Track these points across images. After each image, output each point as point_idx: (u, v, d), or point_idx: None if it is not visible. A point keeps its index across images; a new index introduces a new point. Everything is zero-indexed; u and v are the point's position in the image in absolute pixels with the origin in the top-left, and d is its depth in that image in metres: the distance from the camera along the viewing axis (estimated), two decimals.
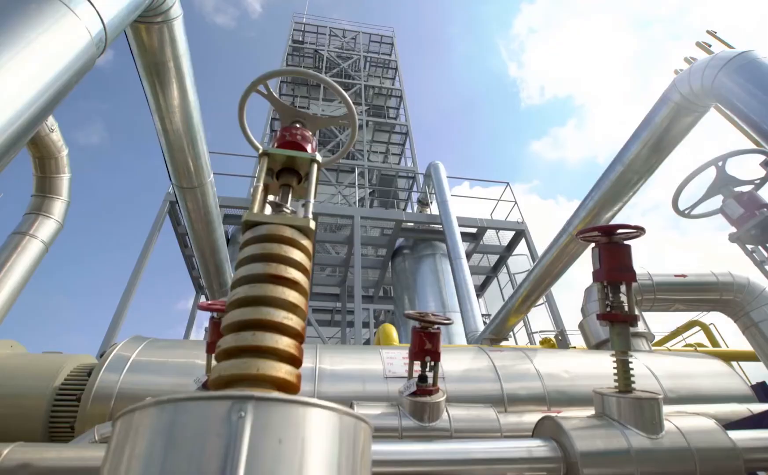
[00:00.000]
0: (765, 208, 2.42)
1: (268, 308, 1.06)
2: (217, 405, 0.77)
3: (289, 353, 1.04)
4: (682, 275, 4.24)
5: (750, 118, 2.98)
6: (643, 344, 3.92)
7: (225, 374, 0.97)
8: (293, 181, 1.46)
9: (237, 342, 1.01)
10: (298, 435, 0.81)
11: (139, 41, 2.80)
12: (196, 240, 4.48)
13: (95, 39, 1.86)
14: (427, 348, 2.32)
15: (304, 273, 1.21)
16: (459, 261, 8.41)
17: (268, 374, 0.97)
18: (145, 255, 7.42)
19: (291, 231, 1.22)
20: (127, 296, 6.81)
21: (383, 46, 20.55)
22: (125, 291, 6.86)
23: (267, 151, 1.41)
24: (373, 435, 2.17)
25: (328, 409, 0.89)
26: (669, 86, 3.66)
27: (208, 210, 4.24)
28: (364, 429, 0.98)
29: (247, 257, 1.17)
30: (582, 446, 1.64)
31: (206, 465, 0.70)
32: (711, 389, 3.36)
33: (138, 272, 7.17)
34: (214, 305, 2.22)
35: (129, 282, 7.00)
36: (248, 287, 1.10)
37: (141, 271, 7.23)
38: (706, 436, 1.78)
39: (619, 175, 4.28)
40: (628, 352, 1.95)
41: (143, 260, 7.35)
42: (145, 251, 7.46)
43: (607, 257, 1.99)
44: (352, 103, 1.65)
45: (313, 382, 2.89)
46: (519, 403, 3.06)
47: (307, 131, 1.57)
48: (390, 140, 17.96)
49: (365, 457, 0.96)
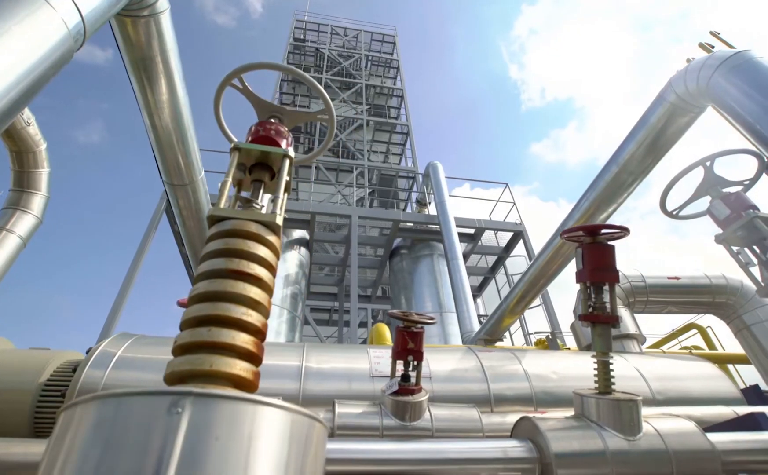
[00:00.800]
0: (751, 209, 2.39)
1: (226, 304, 1.05)
2: (154, 401, 0.75)
3: (247, 350, 1.03)
4: (675, 277, 4.21)
5: (744, 120, 2.94)
6: (634, 345, 3.90)
7: (177, 370, 0.96)
8: (266, 177, 1.44)
9: (192, 338, 1.00)
10: (240, 433, 0.79)
11: (125, 35, 2.78)
12: (189, 237, 4.48)
13: (73, 32, 1.85)
14: (409, 347, 2.30)
15: (269, 269, 1.19)
16: (456, 262, 8.38)
17: (222, 370, 0.96)
18: (141, 253, 7.42)
19: (256, 227, 1.20)
20: (123, 294, 6.81)
21: (385, 46, 20.52)
22: (121, 289, 6.86)
23: (238, 145, 1.40)
24: (353, 434, 2.16)
25: (276, 407, 0.88)
26: (665, 86, 3.63)
27: (200, 207, 4.23)
28: (318, 429, 0.97)
29: (209, 252, 1.15)
30: (557, 447, 1.62)
31: (139, 462, 0.69)
32: (700, 392, 3.33)
33: (134, 270, 7.17)
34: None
35: (125, 280, 7.00)
36: (208, 283, 1.08)
37: (137, 269, 7.23)
38: (684, 438, 1.76)
39: (614, 176, 4.25)
40: (609, 353, 1.93)
41: (139, 257, 7.35)
42: (141, 248, 7.46)
43: (590, 258, 1.97)
44: (329, 98, 1.63)
45: (299, 380, 2.88)
46: (506, 403, 3.04)
47: (281, 126, 1.55)
48: (390, 140, 17.94)
49: (318, 456, 0.94)
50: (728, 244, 2.44)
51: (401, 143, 17.86)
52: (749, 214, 2.30)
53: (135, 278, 7.15)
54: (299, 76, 1.68)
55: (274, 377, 2.89)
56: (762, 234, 2.25)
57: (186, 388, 0.76)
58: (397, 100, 19.07)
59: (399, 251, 10.42)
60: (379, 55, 20.29)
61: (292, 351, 3.12)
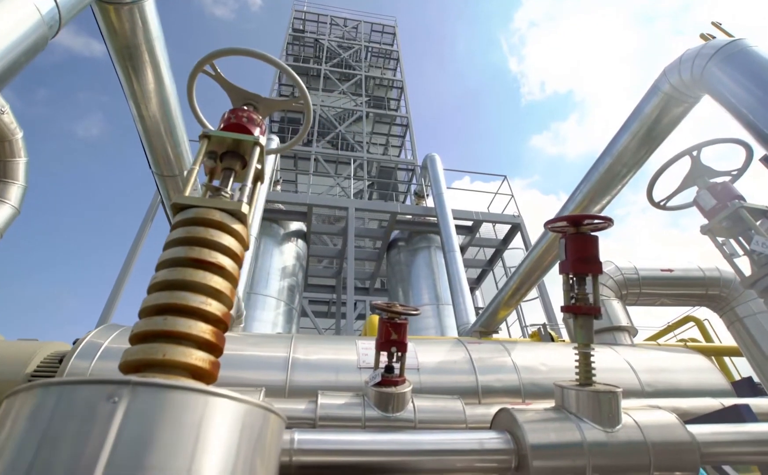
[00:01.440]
0: (737, 199, 2.35)
1: (184, 293, 1.03)
2: (94, 390, 0.74)
3: (204, 339, 1.01)
4: (668, 270, 4.18)
5: (738, 111, 2.90)
6: (626, 338, 3.88)
7: (131, 359, 0.95)
8: (237, 165, 1.42)
9: (147, 327, 0.98)
10: (184, 422, 0.78)
11: (109, 23, 2.74)
12: None
13: (46, 18, 1.82)
14: (393, 339, 2.29)
15: (233, 258, 1.17)
16: (453, 254, 8.37)
17: (176, 359, 0.95)
18: (137, 246, 7.42)
19: (221, 215, 1.18)
20: (118, 287, 6.81)
21: (385, 36, 20.35)
22: (116, 282, 6.87)
23: (207, 132, 1.37)
24: (335, 425, 2.15)
25: (227, 398, 0.87)
26: (659, 76, 3.58)
27: None
28: (273, 420, 0.96)
29: (171, 240, 1.14)
30: (533, 438, 1.61)
31: (73, 449, 0.68)
32: (689, 384, 3.33)
33: (129, 263, 7.17)
34: None
35: (120, 273, 7.01)
36: (167, 271, 1.07)
37: (132, 261, 7.23)
38: (663, 430, 1.74)
39: (608, 168, 4.21)
40: (591, 345, 1.91)
41: (135, 250, 7.35)
42: (137, 241, 7.46)
43: (573, 248, 1.95)
44: (304, 86, 1.61)
45: (286, 371, 2.88)
46: (493, 395, 3.04)
47: (255, 114, 1.53)
48: (390, 132, 17.85)
49: (271, 447, 0.93)
50: (713, 234, 2.40)
51: (401, 135, 17.77)
52: (734, 205, 2.26)
53: (131, 270, 7.15)
54: (273, 62, 1.65)
55: (261, 367, 2.89)
56: (747, 225, 2.21)
57: (126, 377, 0.75)
58: (396, 91, 18.95)
59: (396, 244, 10.40)
60: (379, 46, 20.14)
61: (279, 342, 3.11)
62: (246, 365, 2.88)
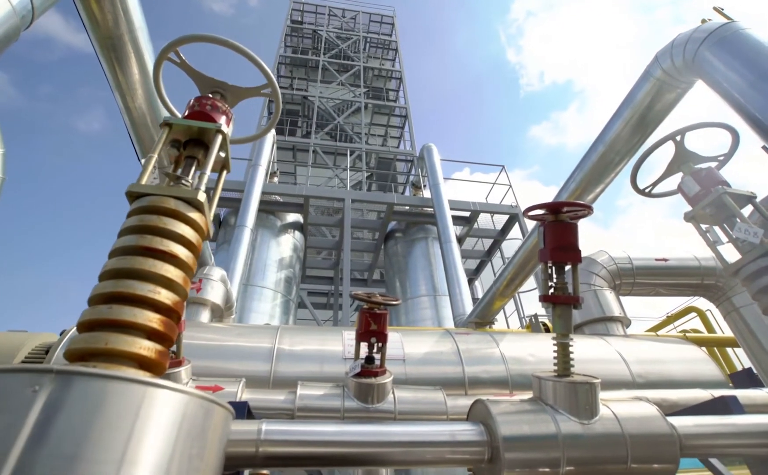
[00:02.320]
0: (721, 185, 2.28)
1: (131, 281, 1.00)
2: (17, 379, 0.72)
3: (151, 328, 0.99)
4: (663, 259, 4.14)
5: (731, 95, 2.83)
6: (618, 328, 3.85)
7: (74, 348, 0.92)
8: (199, 154, 1.39)
9: (92, 315, 0.96)
10: (114, 412, 0.75)
11: (90, 15, 2.71)
12: None
13: (18, 9, 1.79)
14: (372, 329, 2.27)
15: (188, 247, 1.15)
16: (449, 245, 8.34)
17: (119, 348, 0.92)
18: None
19: (175, 203, 1.16)
20: None
21: (383, 27, 20.16)
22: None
23: (168, 120, 1.34)
24: (313, 416, 2.13)
25: (165, 389, 0.84)
26: (651, 61, 3.51)
27: None
28: (218, 412, 0.94)
29: (124, 228, 1.11)
30: (506, 430, 1.58)
31: None
32: (682, 375, 3.29)
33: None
34: None
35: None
36: (116, 260, 1.04)
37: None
38: (642, 422, 1.72)
39: (601, 156, 4.16)
40: (569, 335, 1.88)
41: None
42: None
43: (552, 236, 1.91)
44: (271, 74, 1.57)
45: (270, 362, 2.87)
46: (480, 386, 3.02)
47: (220, 102, 1.49)
48: (389, 123, 17.74)
49: (214, 439, 0.91)
50: (697, 222, 2.35)
51: (400, 126, 17.66)
52: (718, 191, 2.20)
53: None
54: (235, 48, 1.61)
55: (245, 358, 2.88)
56: (730, 211, 2.15)
57: (48, 366, 0.72)
58: (395, 82, 18.81)
59: (394, 235, 10.37)
60: (377, 36, 19.96)
61: (265, 333, 3.10)
62: (230, 356, 2.87)
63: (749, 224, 2.06)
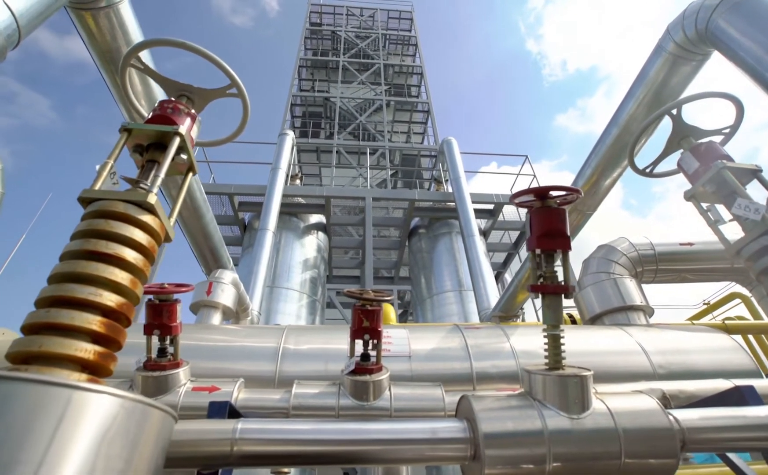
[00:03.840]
0: (721, 159, 2.08)
1: (71, 284, 1.02)
2: None
3: (92, 330, 1.00)
4: (688, 243, 3.88)
5: (747, 64, 2.62)
6: (640, 318, 3.63)
7: (13, 351, 0.95)
8: (161, 157, 1.41)
9: (32, 319, 0.98)
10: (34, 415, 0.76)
11: (88, 30, 2.81)
12: (186, 227, 4.58)
13: (3, 30, 1.87)
14: (365, 326, 2.24)
15: (138, 250, 1.16)
16: (472, 239, 8.18)
17: (53, 351, 0.94)
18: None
19: (125, 206, 1.17)
20: None
21: (402, 23, 20.04)
22: None
23: (126, 125, 1.36)
24: (308, 414, 2.12)
25: (93, 392, 0.85)
26: (662, 35, 3.30)
27: (193, 196, 4.29)
28: (156, 416, 0.94)
29: (74, 233, 1.13)
30: (488, 427, 1.52)
31: None
32: (708, 365, 3.07)
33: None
34: (150, 289, 2.24)
35: None
36: (61, 264, 1.07)
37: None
38: (638, 416, 1.61)
39: (615, 139, 3.98)
40: (560, 326, 1.79)
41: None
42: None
43: (538, 223, 1.82)
44: (235, 75, 1.57)
45: (276, 362, 2.89)
46: (489, 382, 2.93)
47: (182, 105, 1.50)
48: (412, 119, 17.63)
49: (148, 442, 0.91)
50: (697, 201, 2.16)
51: (423, 122, 17.51)
52: (717, 166, 2.00)
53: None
54: (192, 49, 1.61)
55: (251, 358, 2.91)
56: (731, 187, 1.96)
57: None
58: (417, 78, 18.65)
59: (417, 231, 10.30)
60: (396, 32, 19.86)
61: (271, 333, 3.13)
62: (236, 356, 2.91)
63: (750, 200, 1.87)
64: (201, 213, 4.51)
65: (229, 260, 5.52)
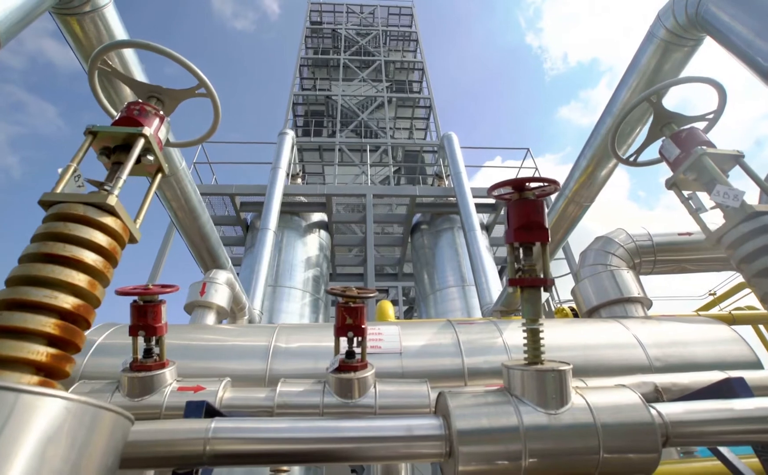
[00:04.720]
0: (702, 145, 2.01)
1: (26, 287, 1.02)
2: None
3: (46, 333, 1.00)
4: (687, 233, 3.81)
5: (738, 49, 2.56)
6: (638, 310, 3.57)
7: None
8: (126, 159, 1.40)
9: None
10: None
11: (74, 35, 2.82)
12: (182, 228, 4.60)
13: None
14: (348, 323, 2.23)
15: (97, 251, 1.16)
16: (473, 233, 8.14)
17: (5, 354, 0.94)
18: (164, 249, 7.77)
19: (84, 208, 1.17)
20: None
21: (402, 19, 19.94)
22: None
23: (91, 128, 1.36)
24: (292, 412, 2.12)
25: (41, 395, 0.84)
26: (653, 21, 3.24)
27: (188, 198, 4.31)
28: (107, 418, 0.93)
29: (33, 237, 1.13)
30: (462, 423, 1.50)
31: None
32: (707, 357, 3.02)
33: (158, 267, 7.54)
34: (134, 290, 2.25)
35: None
36: (18, 267, 1.07)
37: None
38: (617, 410, 1.58)
39: (609, 129, 3.90)
40: (539, 320, 1.76)
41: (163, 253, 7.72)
42: (165, 243, 7.82)
43: (516, 215, 1.79)
44: (203, 75, 1.56)
45: (266, 360, 2.90)
46: (481, 377, 2.90)
47: (151, 106, 1.50)
48: (414, 115, 17.56)
49: (98, 445, 0.91)
50: (679, 188, 2.10)
51: (425, 118, 17.44)
52: (697, 152, 1.94)
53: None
54: (159, 51, 1.61)
55: (242, 357, 2.92)
56: (711, 174, 1.89)
57: None
58: (418, 73, 18.56)
59: (419, 227, 10.27)
60: (397, 28, 19.77)
61: (263, 332, 3.13)
62: (227, 356, 2.92)
63: (729, 186, 1.81)
64: (197, 214, 4.53)
65: (227, 260, 5.54)
